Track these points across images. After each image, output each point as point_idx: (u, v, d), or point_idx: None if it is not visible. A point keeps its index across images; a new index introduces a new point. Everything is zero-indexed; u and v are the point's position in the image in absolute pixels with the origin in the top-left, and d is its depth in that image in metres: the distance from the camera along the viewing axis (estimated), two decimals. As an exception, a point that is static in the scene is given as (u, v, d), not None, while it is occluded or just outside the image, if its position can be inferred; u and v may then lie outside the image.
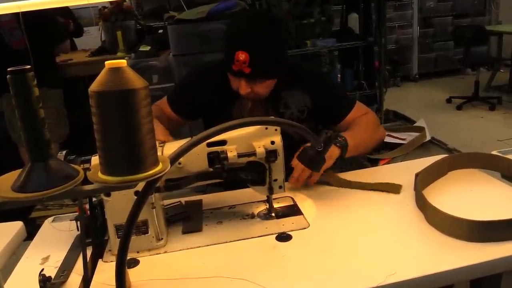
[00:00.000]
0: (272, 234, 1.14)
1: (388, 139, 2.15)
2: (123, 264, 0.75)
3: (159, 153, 0.70)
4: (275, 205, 1.27)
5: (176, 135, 1.41)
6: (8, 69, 0.61)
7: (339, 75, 3.66)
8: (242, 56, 1.34)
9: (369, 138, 1.49)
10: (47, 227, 1.30)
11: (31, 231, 1.34)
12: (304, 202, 1.30)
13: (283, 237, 1.13)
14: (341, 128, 1.53)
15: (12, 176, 0.66)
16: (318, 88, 1.54)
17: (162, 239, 1.13)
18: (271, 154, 1.14)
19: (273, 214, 1.23)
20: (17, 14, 2.75)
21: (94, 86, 0.63)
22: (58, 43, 3.28)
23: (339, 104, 1.55)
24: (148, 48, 3.39)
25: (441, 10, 6.46)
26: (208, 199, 1.38)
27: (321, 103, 1.53)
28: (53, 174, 0.64)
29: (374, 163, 1.69)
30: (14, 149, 3.16)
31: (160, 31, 3.66)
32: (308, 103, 1.52)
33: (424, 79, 6.49)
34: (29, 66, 0.62)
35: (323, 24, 3.50)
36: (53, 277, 1.01)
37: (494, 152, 1.44)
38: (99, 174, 0.67)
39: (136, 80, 0.64)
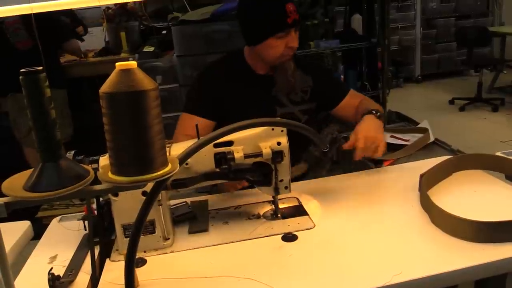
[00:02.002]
0: (278, 234, 1.15)
1: (391, 140, 2.14)
2: (132, 264, 0.76)
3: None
4: (281, 206, 1.27)
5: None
6: (21, 70, 0.62)
7: (342, 76, 3.66)
8: (291, 6, 1.40)
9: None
10: (55, 227, 1.31)
11: (37, 230, 1.36)
12: (310, 202, 1.31)
13: (289, 237, 1.13)
14: (337, 114, 1.62)
15: (24, 175, 0.66)
16: (316, 69, 1.64)
17: (169, 239, 1.14)
18: (277, 155, 1.14)
19: (279, 215, 1.24)
20: (22, 15, 2.76)
21: (105, 87, 0.64)
22: (62, 42, 3.28)
23: (337, 86, 1.67)
24: (151, 49, 3.40)
25: (444, 11, 6.45)
26: (214, 199, 1.39)
27: (321, 83, 1.60)
28: (64, 174, 0.65)
29: (378, 164, 1.69)
30: (17, 149, 3.18)
31: (164, 31, 3.67)
32: (310, 82, 1.59)
33: (427, 80, 6.49)
34: (41, 68, 0.63)
35: (326, 25, 3.50)
36: (61, 276, 1.01)
37: (498, 153, 1.44)
38: (109, 174, 0.67)
39: (146, 82, 0.65)
